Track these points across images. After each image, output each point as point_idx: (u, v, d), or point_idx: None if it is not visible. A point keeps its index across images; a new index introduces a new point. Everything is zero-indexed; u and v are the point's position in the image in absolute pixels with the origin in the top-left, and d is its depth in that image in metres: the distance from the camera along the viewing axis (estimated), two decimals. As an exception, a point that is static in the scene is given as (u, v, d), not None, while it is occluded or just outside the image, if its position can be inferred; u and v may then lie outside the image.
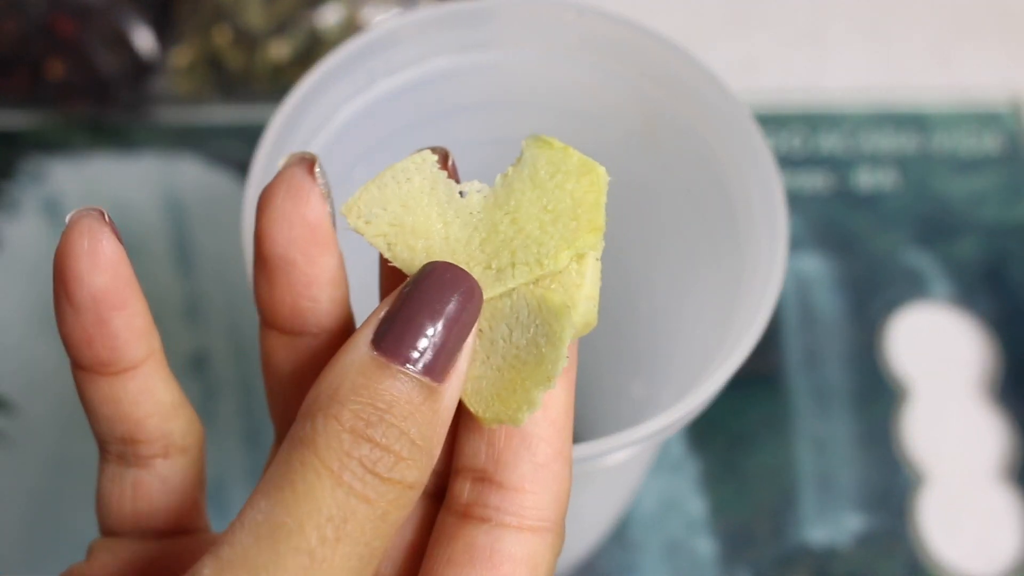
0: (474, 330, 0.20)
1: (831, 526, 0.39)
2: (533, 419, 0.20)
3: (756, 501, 0.39)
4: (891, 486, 0.40)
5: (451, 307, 0.20)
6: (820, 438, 0.40)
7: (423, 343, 0.19)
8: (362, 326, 0.20)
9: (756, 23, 0.49)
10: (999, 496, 0.40)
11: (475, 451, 0.21)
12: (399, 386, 0.19)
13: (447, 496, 0.22)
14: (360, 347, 0.19)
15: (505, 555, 0.20)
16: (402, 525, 0.21)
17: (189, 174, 0.44)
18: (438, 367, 0.19)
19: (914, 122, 0.46)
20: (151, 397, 0.22)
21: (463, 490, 0.21)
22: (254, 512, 0.18)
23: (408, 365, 0.19)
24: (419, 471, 0.19)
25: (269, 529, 0.18)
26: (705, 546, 0.39)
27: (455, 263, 0.20)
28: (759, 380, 0.41)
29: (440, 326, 0.19)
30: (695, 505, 0.39)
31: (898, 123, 0.46)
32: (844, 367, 0.42)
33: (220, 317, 0.42)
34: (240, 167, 0.44)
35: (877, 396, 0.41)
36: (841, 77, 0.48)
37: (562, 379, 0.20)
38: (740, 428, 0.40)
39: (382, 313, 0.20)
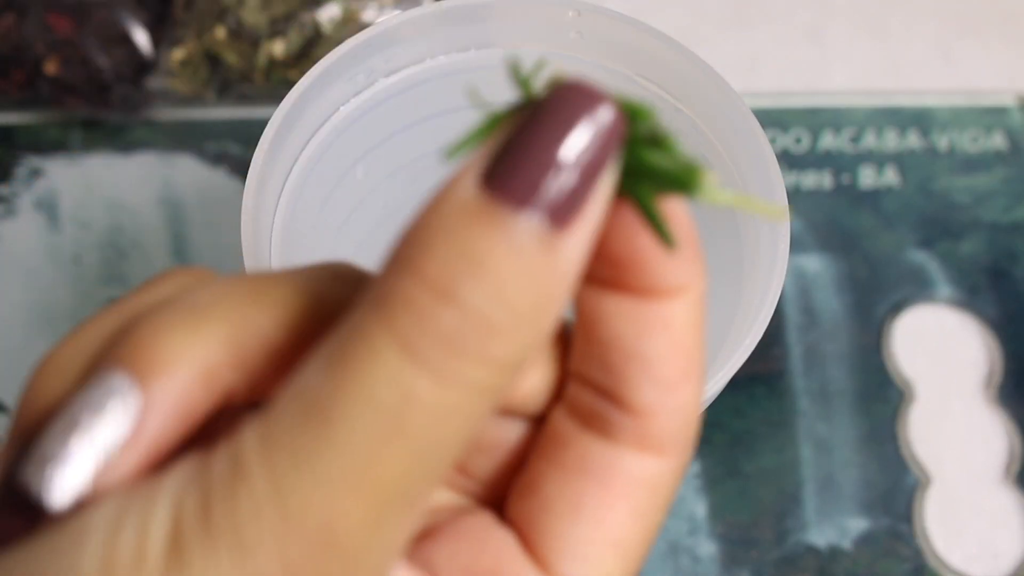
0: (611, 167, 0.16)
1: (833, 527, 0.39)
2: (654, 342, 0.17)
3: (758, 502, 0.39)
4: (894, 487, 0.40)
5: (585, 133, 0.15)
6: (822, 439, 0.40)
7: (547, 180, 0.15)
8: (471, 159, 0.16)
9: (757, 21, 0.49)
10: (1004, 498, 0.40)
11: (590, 364, 0.18)
12: (507, 233, 0.15)
13: (566, 392, 0.18)
14: (464, 183, 0.15)
15: (624, 473, 0.18)
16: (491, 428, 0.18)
17: (187, 173, 0.44)
18: (563, 211, 0.15)
19: (917, 120, 0.46)
20: None
21: (582, 394, 0.18)
22: (306, 378, 0.15)
23: (524, 207, 0.15)
24: (518, 349, 0.15)
25: (316, 407, 0.15)
26: (706, 547, 0.39)
27: None
28: (761, 380, 0.41)
29: (572, 157, 0.15)
30: (696, 506, 0.39)
31: (901, 121, 0.46)
32: (846, 367, 0.41)
33: (219, 317, 0.41)
34: (239, 166, 0.44)
35: (880, 397, 0.41)
36: (843, 75, 0.48)
37: (689, 293, 0.18)
38: (741, 429, 0.40)
39: (495, 142, 0.16)
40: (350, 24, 0.44)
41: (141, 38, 0.44)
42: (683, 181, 0.16)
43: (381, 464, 0.15)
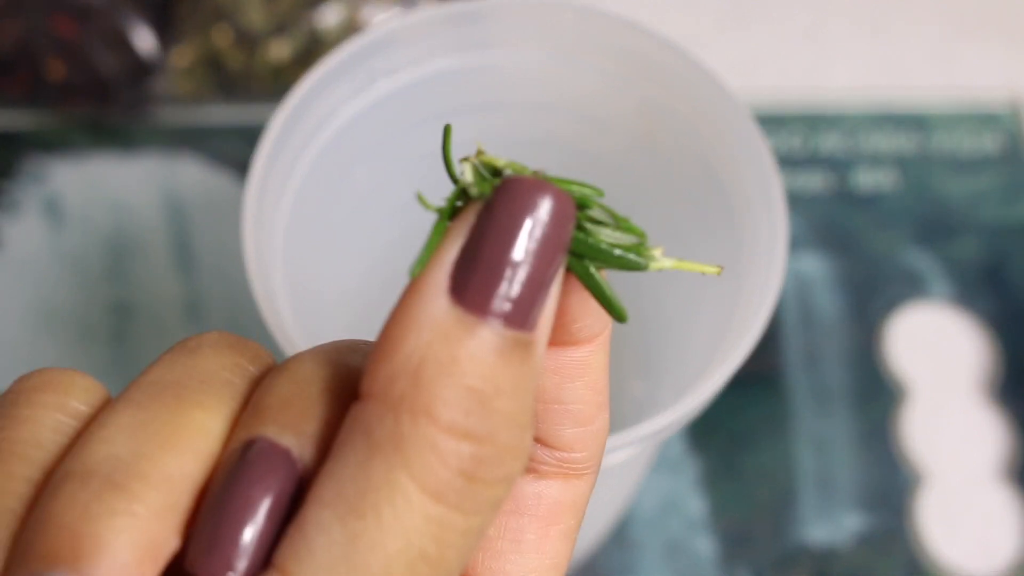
0: (564, 257, 0.16)
1: (831, 526, 0.39)
2: (573, 387, 0.18)
3: (756, 501, 0.39)
4: (891, 486, 0.40)
5: (541, 231, 0.15)
6: (820, 438, 0.40)
7: (510, 286, 0.15)
8: (427, 267, 0.15)
9: (755, 22, 0.49)
10: (998, 496, 0.40)
11: None
12: (492, 351, 0.15)
13: None
14: (436, 300, 0.15)
15: (554, 503, 0.19)
16: None
17: (189, 174, 0.44)
18: (533, 310, 0.15)
19: (914, 122, 0.46)
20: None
21: None
22: (327, 539, 0.15)
23: (502, 318, 0.15)
24: (525, 457, 0.16)
25: (348, 570, 0.15)
26: (705, 546, 0.39)
27: None
28: (759, 380, 0.41)
29: (531, 259, 0.15)
30: (695, 505, 0.39)
31: (898, 123, 0.46)
32: (844, 367, 0.42)
33: (220, 317, 0.42)
34: (240, 167, 0.44)
35: (877, 396, 0.41)
36: (841, 77, 0.48)
37: (603, 336, 0.18)
38: (740, 428, 0.40)
39: (453, 249, 0.15)
40: (351, 26, 0.44)
41: (144, 40, 0.44)
42: (631, 260, 0.16)
43: None
